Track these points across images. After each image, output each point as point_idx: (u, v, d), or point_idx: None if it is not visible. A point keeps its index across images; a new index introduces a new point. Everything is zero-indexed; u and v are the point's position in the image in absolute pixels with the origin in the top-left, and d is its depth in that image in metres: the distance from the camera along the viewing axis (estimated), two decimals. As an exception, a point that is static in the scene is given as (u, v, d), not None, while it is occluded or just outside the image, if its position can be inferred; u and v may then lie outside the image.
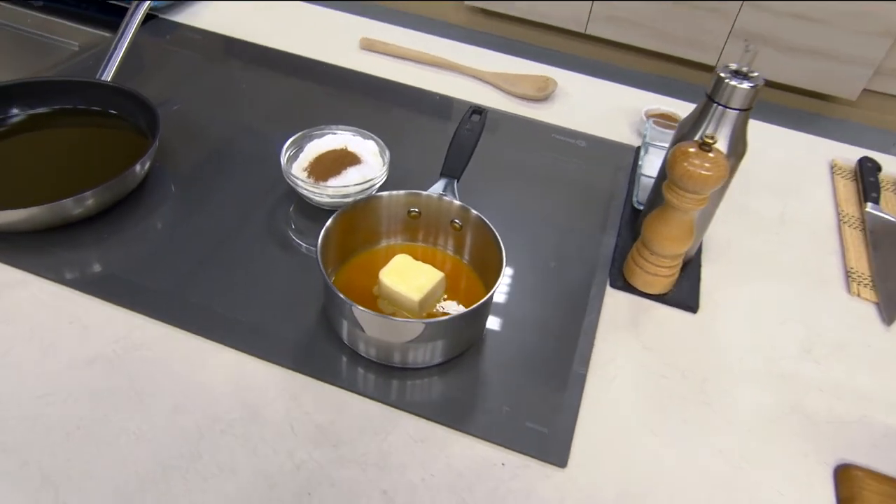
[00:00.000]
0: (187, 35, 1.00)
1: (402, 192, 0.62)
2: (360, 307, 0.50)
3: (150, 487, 0.46)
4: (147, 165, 0.68)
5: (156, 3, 1.00)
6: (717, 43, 2.71)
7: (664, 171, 0.62)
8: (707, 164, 0.55)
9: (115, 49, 0.79)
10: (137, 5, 0.82)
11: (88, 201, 0.63)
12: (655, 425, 0.55)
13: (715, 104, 0.59)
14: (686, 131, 0.61)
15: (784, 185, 0.86)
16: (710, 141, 0.55)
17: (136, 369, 0.53)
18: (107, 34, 0.97)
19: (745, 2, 2.57)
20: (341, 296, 0.51)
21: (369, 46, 1.01)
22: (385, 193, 0.61)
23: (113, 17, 0.99)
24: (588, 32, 2.85)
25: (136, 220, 0.67)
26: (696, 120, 0.60)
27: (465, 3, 2.95)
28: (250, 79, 0.92)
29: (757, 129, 0.97)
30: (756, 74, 0.58)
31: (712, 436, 0.55)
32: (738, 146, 0.60)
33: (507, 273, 0.65)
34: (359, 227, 0.62)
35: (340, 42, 1.02)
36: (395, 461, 0.49)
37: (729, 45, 2.69)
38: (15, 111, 0.72)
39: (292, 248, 0.66)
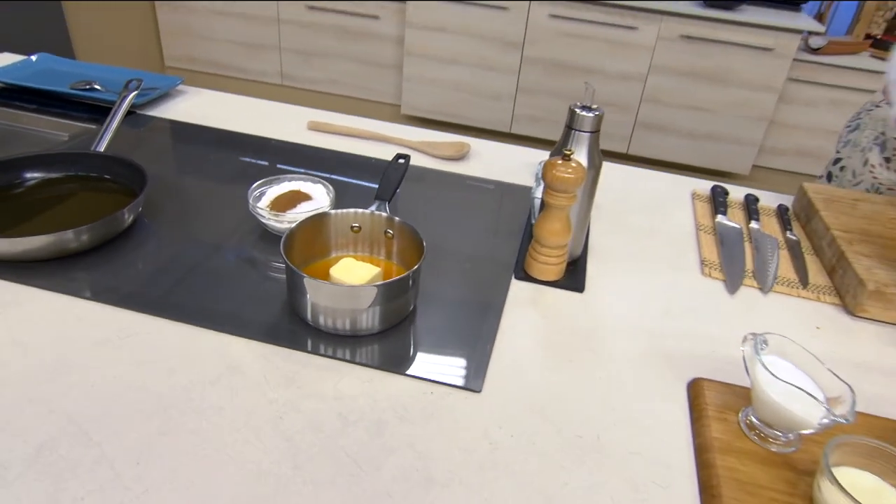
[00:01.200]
0: (161, 125, 1.19)
1: (345, 210, 0.80)
2: (314, 279, 0.66)
3: (155, 418, 0.58)
4: (136, 210, 0.84)
5: (137, 100, 1.20)
6: (625, 133, 3.08)
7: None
8: (569, 170, 0.76)
9: (106, 127, 0.97)
10: (126, 94, 1.02)
11: (84, 236, 0.78)
12: (549, 364, 0.71)
13: (572, 130, 0.80)
14: (554, 152, 0.82)
15: (655, 208, 1.08)
16: (569, 153, 0.76)
17: (135, 348, 0.67)
18: (92, 126, 1.15)
19: (644, 101, 2.97)
20: (301, 272, 0.67)
21: (315, 127, 1.23)
22: (332, 211, 0.79)
23: (96, 115, 1.18)
24: (513, 132, 3.20)
25: (128, 250, 0.82)
26: (561, 144, 0.81)
27: (403, 112, 3.29)
28: (216, 154, 1.10)
29: (637, 172, 1.20)
30: (596, 107, 0.80)
31: (594, 370, 0.71)
32: (593, 159, 0.81)
33: (429, 269, 0.82)
34: (313, 239, 0.79)
35: (290, 125, 1.23)
36: (348, 395, 0.64)
37: (635, 134, 3.07)
38: (30, 175, 0.89)
39: (259, 264, 0.82)
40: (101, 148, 0.94)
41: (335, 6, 3.13)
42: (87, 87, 1.24)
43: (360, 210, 0.80)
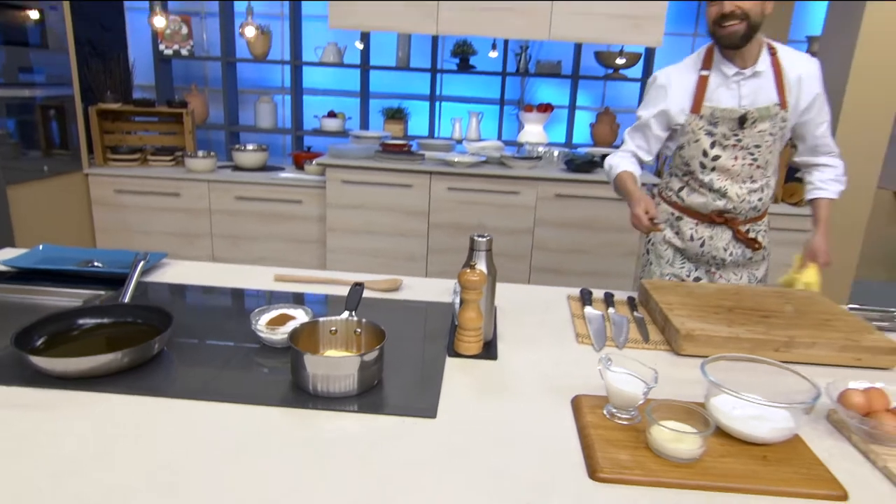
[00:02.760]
0: (156, 287, 1.50)
1: (326, 318, 1.13)
2: (313, 355, 0.98)
3: (232, 455, 0.86)
4: (165, 341, 1.13)
5: (159, 262, 1.51)
6: (523, 278, 3.59)
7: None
8: (475, 275, 1.15)
9: (127, 286, 1.28)
10: (138, 261, 1.34)
11: (124, 359, 1.06)
12: (479, 401, 1.04)
13: (474, 251, 1.20)
14: (464, 266, 1.21)
15: (543, 308, 1.48)
16: (473, 264, 1.16)
17: (191, 421, 0.94)
18: (101, 293, 1.44)
19: (535, 249, 3.53)
20: (304, 352, 0.99)
21: (281, 278, 1.57)
22: (318, 319, 1.13)
23: (99, 286, 1.48)
24: (428, 286, 3.62)
25: (158, 368, 1.10)
26: (468, 259, 1.21)
27: (328, 279, 3.66)
28: (209, 302, 1.42)
29: (530, 288, 1.62)
30: (487, 234, 1.21)
31: (510, 401, 1.04)
32: (490, 268, 1.21)
33: (388, 355, 1.15)
34: (306, 340, 1.11)
35: (259, 279, 1.58)
36: (331, 427, 0.93)
37: (532, 277, 3.58)
38: (82, 322, 1.17)
39: (264, 365, 1.12)
40: (126, 300, 1.25)
41: (262, 194, 3.60)
42: (90, 265, 1.55)
43: (336, 317, 1.14)
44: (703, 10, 1.56)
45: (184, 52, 4.17)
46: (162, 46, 4.15)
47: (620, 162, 1.76)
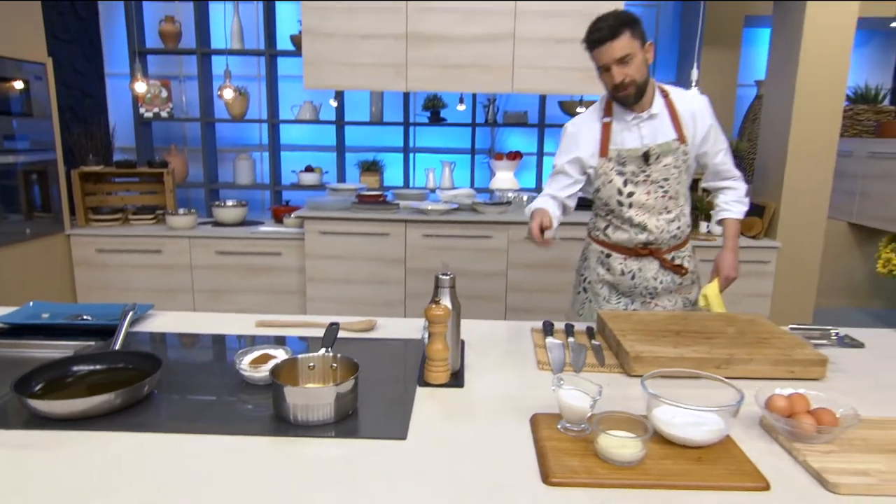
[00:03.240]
0: (141, 336, 1.58)
1: (304, 355, 1.23)
2: (293, 386, 1.08)
3: (221, 479, 0.95)
4: (154, 383, 1.22)
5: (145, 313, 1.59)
6: (499, 317, 3.69)
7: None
8: (441, 310, 1.26)
9: (117, 335, 1.37)
10: (127, 311, 1.43)
11: (117, 400, 1.15)
12: (446, 423, 1.14)
13: (438, 287, 1.32)
14: (431, 301, 1.33)
15: (507, 341, 1.59)
16: (438, 300, 1.27)
17: (186, 454, 1.03)
18: (90, 343, 1.52)
19: (510, 290, 3.64)
20: (284, 384, 1.08)
21: (262, 324, 1.67)
22: (297, 356, 1.22)
23: (88, 337, 1.56)
24: (407, 330, 3.71)
25: (149, 407, 1.18)
26: (433, 296, 1.33)
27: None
28: (194, 348, 1.50)
29: (495, 323, 1.73)
30: (450, 273, 1.33)
31: (474, 422, 1.14)
32: (455, 303, 1.32)
33: (362, 386, 1.24)
34: (287, 374, 1.20)
35: (241, 325, 1.67)
36: (311, 451, 1.03)
37: (507, 317, 3.68)
38: (77, 369, 1.26)
39: (243, 403, 1.21)
40: (117, 347, 1.34)
41: (242, 248, 3.70)
42: (79, 318, 1.63)
43: (313, 354, 1.24)
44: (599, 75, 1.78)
45: (163, 114, 4.33)
46: (142, 110, 4.30)
47: (538, 202, 1.92)
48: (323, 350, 1.26)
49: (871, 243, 4.54)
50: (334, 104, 4.31)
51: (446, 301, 1.31)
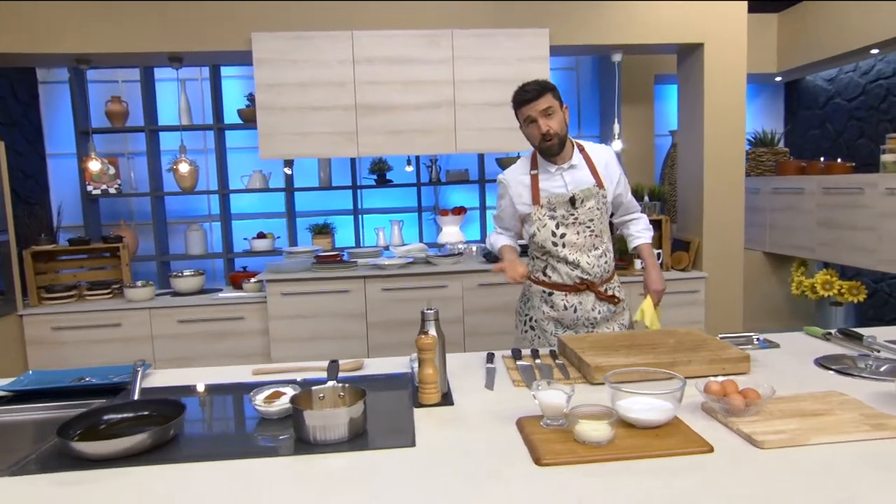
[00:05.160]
0: (150, 391, 1.70)
1: (316, 387, 1.40)
2: (309, 410, 1.25)
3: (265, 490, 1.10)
4: (180, 426, 1.35)
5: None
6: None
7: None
8: (429, 339, 1.46)
9: (133, 388, 1.50)
10: (139, 367, 1.56)
11: (148, 440, 1.28)
12: (445, 432, 1.32)
13: (424, 321, 1.52)
14: (419, 333, 1.53)
15: (482, 367, 1.79)
16: (426, 331, 1.48)
17: (206, 473, 1.17)
18: (95, 403, 1.62)
19: (468, 335, 3.84)
20: (301, 408, 1.25)
21: (259, 372, 1.82)
22: (310, 388, 1.39)
23: (91, 397, 1.66)
24: (372, 383, 3.84)
25: (176, 445, 1.31)
26: (420, 328, 1.53)
27: (275, 389, 3.80)
28: (200, 396, 1.63)
29: (470, 356, 1.93)
30: (434, 307, 1.54)
31: (466, 431, 1.34)
32: (439, 333, 1.53)
33: (368, 410, 1.42)
34: (302, 404, 1.36)
35: (237, 374, 1.81)
36: (331, 463, 1.19)
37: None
38: (107, 417, 1.38)
39: (262, 434, 1.36)
40: (135, 398, 1.46)
41: (204, 315, 3.78)
42: (82, 380, 1.73)
43: (322, 385, 1.41)
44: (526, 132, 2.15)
45: (111, 190, 4.41)
46: (90, 187, 4.37)
47: (499, 238, 2.29)
48: (331, 382, 1.44)
49: (785, 269, 5.04)
50: (288, 171, 4.51)
51: (433, 331, 1.52)
